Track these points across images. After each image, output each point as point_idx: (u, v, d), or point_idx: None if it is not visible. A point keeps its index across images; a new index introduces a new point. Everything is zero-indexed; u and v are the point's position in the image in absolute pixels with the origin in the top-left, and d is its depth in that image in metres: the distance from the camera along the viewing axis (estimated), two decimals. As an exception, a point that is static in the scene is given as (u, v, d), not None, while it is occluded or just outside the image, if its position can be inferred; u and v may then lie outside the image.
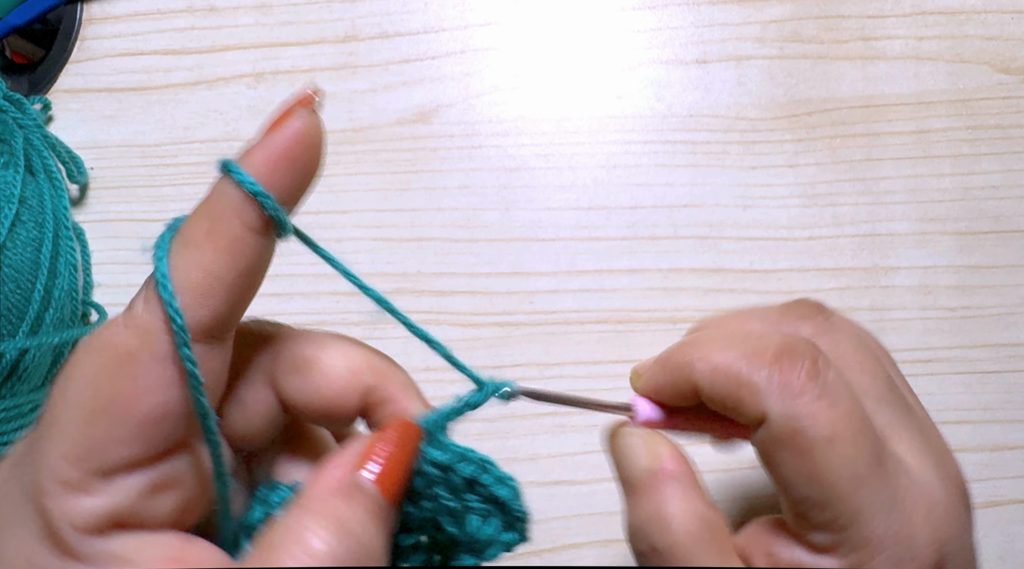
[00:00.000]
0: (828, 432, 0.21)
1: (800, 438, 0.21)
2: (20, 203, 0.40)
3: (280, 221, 0.21)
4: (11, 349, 0.38)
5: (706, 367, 0.23)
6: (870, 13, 0.45)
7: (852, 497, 0.21)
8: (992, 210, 0.43)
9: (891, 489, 0.22)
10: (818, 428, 0.21)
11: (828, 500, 0.21)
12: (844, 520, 0.21)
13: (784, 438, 0.22)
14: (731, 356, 0.23)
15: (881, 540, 0.21)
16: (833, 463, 0.21)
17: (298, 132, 0.21)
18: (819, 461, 0.21)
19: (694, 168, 0.44)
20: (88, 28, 0.48)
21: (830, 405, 0.22)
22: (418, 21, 0.46)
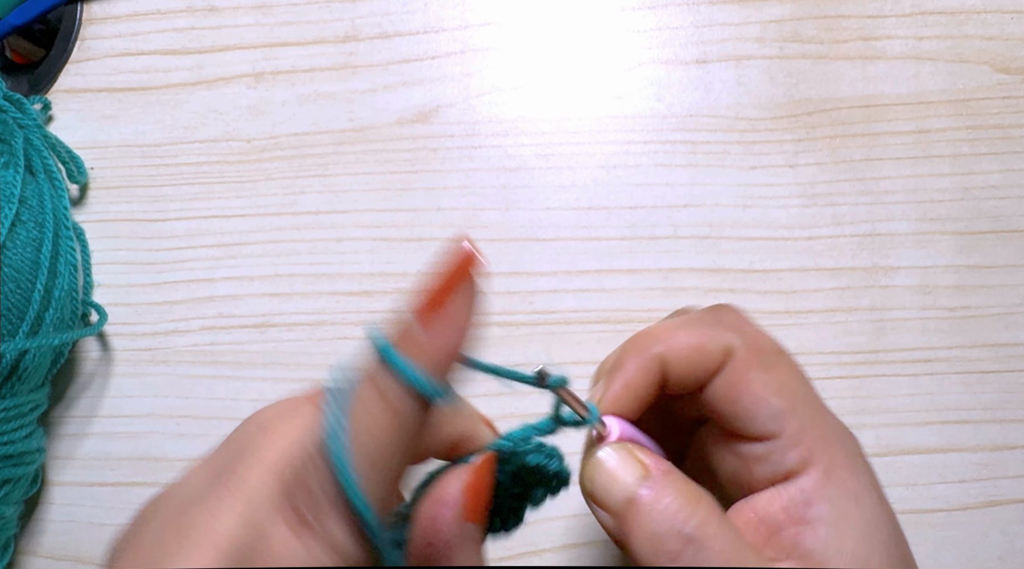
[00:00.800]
0: (774, 346, 0.26)
1: (764, 354, 0.25)
2: (20, 203, 0.40)
3: (447, 402, 0.21)
4: (11, 349, 0.38)
5: (670, 344, 0.26)
6: (870, 13, 0.45)
7: (808, 399, 0.25)
8: (992, 210, 0.43)
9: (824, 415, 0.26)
10: (770, 345, 0.26)
11: (794, 406, 0.24)
12: (808, 421, 0.24)
13: (752, 359, 0.25)
14: (687, 328, 0.26)
15: (833, 433, 0.25)
16: (789, 370, 0.25)
17: (464, 323, 0.20)
18: (781, 370, 0.25)
19: (694, 168, 0.44)
20: (88, 28, 0.48)
21: (762, 329, 0.27)
22: (418, 21, 0.46)
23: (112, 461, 0.45)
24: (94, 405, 0.45)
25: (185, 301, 0.45)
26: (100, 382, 0.46)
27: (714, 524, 0.23)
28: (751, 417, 0.25)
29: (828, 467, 0.24)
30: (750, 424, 0.25)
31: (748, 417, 0.25)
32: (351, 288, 0.45)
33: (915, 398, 0.42)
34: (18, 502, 0.42)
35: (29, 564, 0.44)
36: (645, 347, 0.26)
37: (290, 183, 0.46)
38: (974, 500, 0.41)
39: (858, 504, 0.23)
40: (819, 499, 0.23)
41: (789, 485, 0.24)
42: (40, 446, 0.42)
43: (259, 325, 0.45)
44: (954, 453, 0.41)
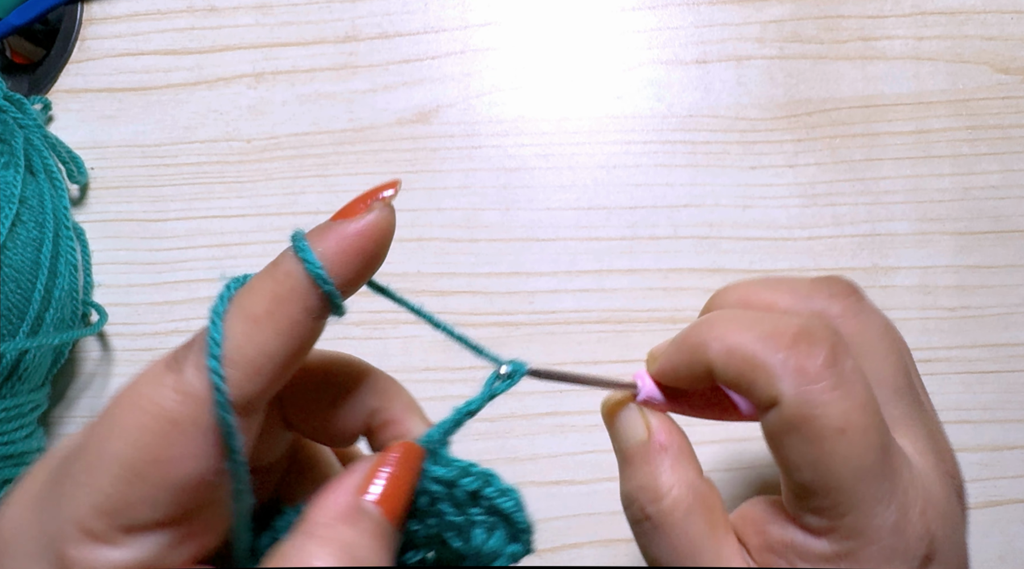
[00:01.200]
0: (840, 423, 0.21)
1: (811, 426, 0.21)
2: (20, 203, 0.40)
3: (337, 307, 0.21)
4: (11, 349, 0.38)
5: (721, 348, 0.23)
6: (870, 13, 0.45)
7: (855, 488, 0.21)
8: (992, 210, 0.43)
9: (892, 482, 0.22)
10: (830, 418, 0.21)
11: (831, 488, 0.21)
12: (843, 508, 0.22)
13: (795, 424, 0.21)
14: (747, 337, 0.22)
15: (877, 531, 0.22)
16: (841, 454, 0.21)
17: (371, 224, 0.21)
18: (827, 450, 0.21)
19: (694, 168, 0.44)
20: (88, 28, 0.48)
21: (844, 395, 0.21)
22: (418, 21, 0.46)
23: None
24: (94, 405, 0.45)
25: (185, 301, 0.45)
26: (100, 382, 0.46)
27: (682, 512, 0.24)
28: (782, 471, 0.23)
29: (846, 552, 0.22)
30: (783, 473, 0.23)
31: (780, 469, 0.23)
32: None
33: (915, 398, 0.42)
34: (18, 502, 0.42)
35: (29, 564, 0.44)
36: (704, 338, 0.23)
37: (290, 183, 0.46)
38: (974, 500, 0.41)
39: None
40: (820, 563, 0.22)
41: (799, 531, 0.23)
42: (40, 446, 0.42)
43: (259, 325, 0.45)
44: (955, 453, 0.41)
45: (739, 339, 0.23)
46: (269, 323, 0.20)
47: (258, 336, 0.20)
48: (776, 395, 0.22)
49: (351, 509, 0.21)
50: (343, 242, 0.21)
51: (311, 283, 0.21)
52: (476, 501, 0.23)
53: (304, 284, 0.21)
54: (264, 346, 0.20)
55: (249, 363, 0.20)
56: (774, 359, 0.22)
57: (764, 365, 0.22)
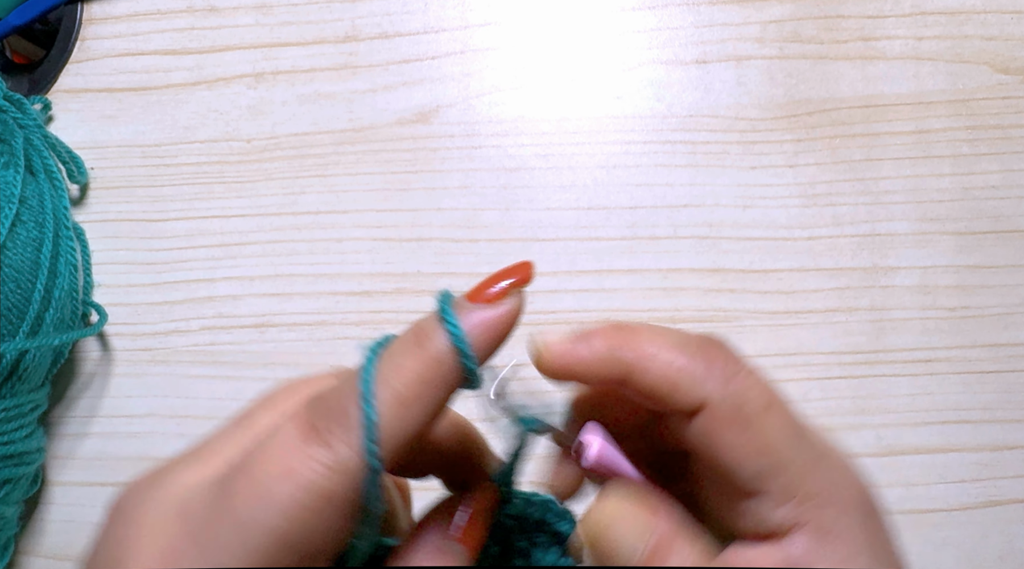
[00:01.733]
0: (764, 400, 0.23)
1: (743, 413, 0.23)
2: (20, 203, 0.40)
3: (474, 383, 0.22)
4: (11, 349, 0.38)
5: (642, 352, 0.23)
6: (870, 13, 0.45)
7: (798, 452, 0.23)
8: (992, 210, 0.43)
9: (821, 441, 0.24)
10: (756, 400, 0.23)
11: (780, 462, 0.22)
12: (796, 476, 0.23)
13: (728, 417, 0.23)
14: (664, 345, 0.23)
15: (833, 486, 0.23)
16: (776, 426, 0.23)
17: (512, 314, 0.23)
18: (764, 428, 0.23)
19: (694, 168, 0.44)
20: (88, 28, 0.48)
21: (756, 379, 0.23)
22: (418, 21, 0.46)
23: (112, 461, 0.45)
24: (94, 405, 0.45)
25: (185, 301, 0.45)
26: (100, 382, 0.46)
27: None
28: (729, 475, 0.23)
29: (819, 530, 0.22)
30: (728, 481, 0.23)
31: (725, 475, 0.23)
32: (351, 288, 0.45)
33: (915, 398, 0.42)
34: (18, 502, 0.42)
35: (29, 564, 0.44)
36: (619, 343, 0.24)
37: (290, 183, 0.46)
38: (974, 500, 0.41)
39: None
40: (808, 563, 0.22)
41: (777, 547, 0.23)
42: (40, 446, 0.42)
43: (259, 325, 0.45)
44: (954, 453, 0.41)
45: (657, 346, 0.23)
46: (418, 405, 0.21)
47: (407, 418, 0.21)
48: (702, 397, 0.23)
49: (441, 548, 0.23)
50: (488, 330, 0.22)
51: (458, 364, 0.21)
52: (539, 527, 0.26)
53: (453, 367, 0.21)
54: (411, 427, 0.21)
55: (397, 443, 0.21)
56: (694, 364, 0.23)
57: (688, 369, 0.23)
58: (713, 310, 0.43)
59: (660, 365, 0.23)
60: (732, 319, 0.43)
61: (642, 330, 0.24)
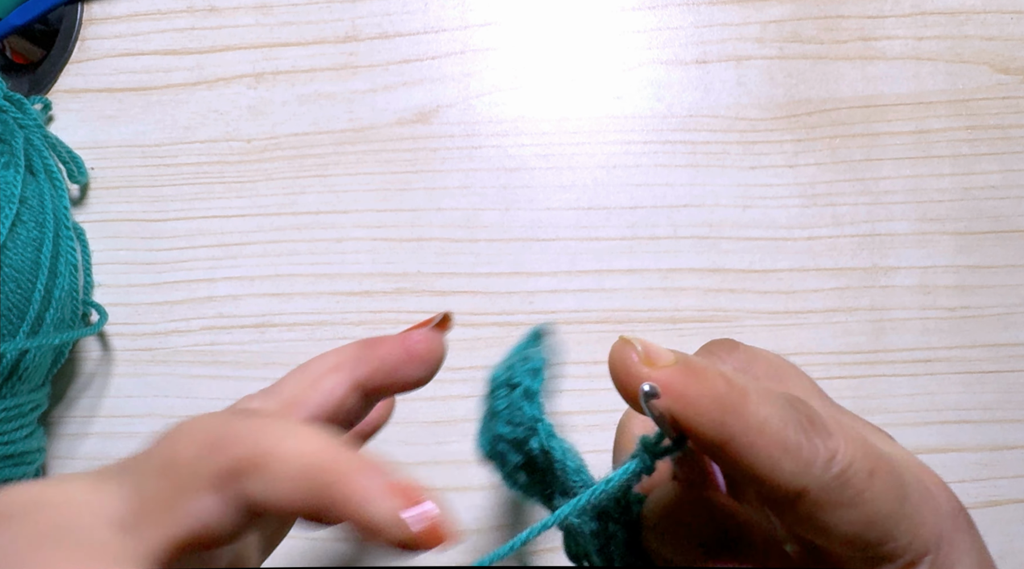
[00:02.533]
0: (868, 467, 0.21)
1: (847, 492, 0.20)
2: (20, 203, 0.40)
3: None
4: (11, 349, 0.38)
5: (749, 422, 0.20)
6: (870, 13, 0.45)
7: (903, 511, 0.21)
8: (992, 210, 0.43)
9: (906, 472, 0.22)
10: (860, 471, 0.20)
11: (888, 532, 0.21)
12: (906, 539, 0.21)
13: (832, 500, 0.20)
14: (774, 414, 0.20)
15: (935, 528, 0.21)
16: (881, 496, 0.21)
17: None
18: (869, 502, 0.20)
19: (694, 168, 0.44)
20: (88, 28, 0.48)
21: (854, 438, 0.21)
22: (418, 21, 0.46)
23: (112, 461, 0.45)
24: (94, 405, 0.45)
25: (185, 301, 0.45)
26: (100, 382, 0.46)
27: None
28: (841, 550, 0.22)
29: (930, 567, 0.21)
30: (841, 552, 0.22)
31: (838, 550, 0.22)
32: (351, 288, 0.45)
33: (915, 398, 0.42)
34: (18, 502, 0.42)
35: (29, 564, 0.44)
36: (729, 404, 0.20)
37: (290, 183, 0.46)
38: (974, 500, 0.41)
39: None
40: None
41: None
42: (40, 446, 0.42)
43: (259, 325, 0.45)
44: (954, 453, 0.41)
45: (766, 414, 0.20)
46: None
47: None
48: (805, 484, 0.20)
49: None
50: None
51: None
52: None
53: None
54: None
55: None
56: (799, 445, 0.20)
57: (792, 452, 0.20)
58: (713, 310, 0.43)
59: (765, 443, 0.20)
60: (732, 319, 0.43)
61: (750, 393, 0.21)
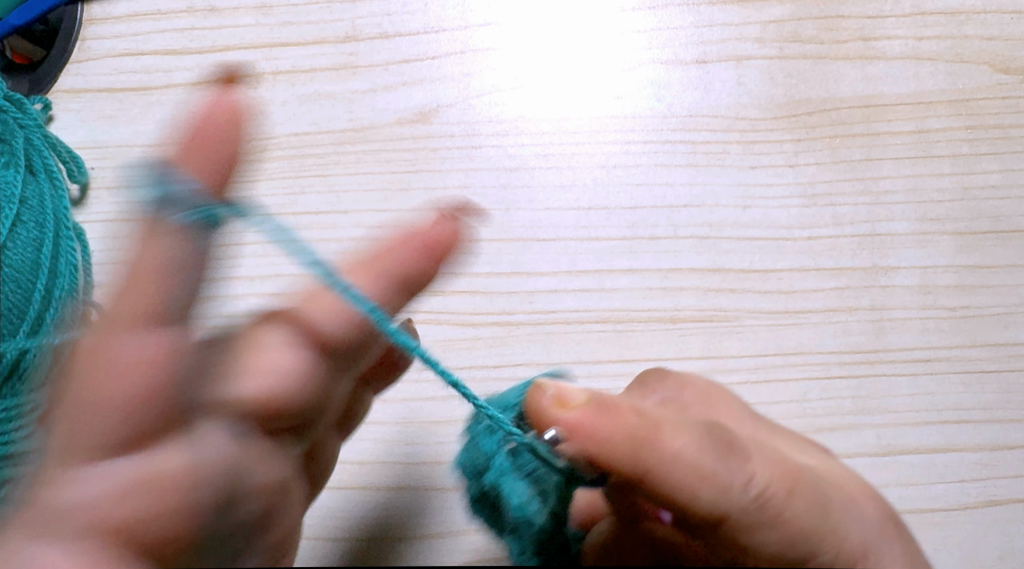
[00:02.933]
0: (787, 486, 0.21)
1: (767, 513, 0.21)
2: (21, 203, 0.40)
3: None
4: (11, 349, 0.38)
5: (664, 453, 0.21)
6: (870, 13, 0.45)
7: (827, 525, 0.21)
8: (992, 210, 0.43)
9: (829, 481, 0.22)
10: (779, 491, 0.21)
11: (813, 548, 0.21)
12: (832, 552, 0.21)
13: (753, 523, 0.21)
14: (688, 443, 0.21)
15: (863, 536, 0.22)
16: (802, 513, 0.21)
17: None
18: (791, 520, 0.21)
19: (694, 168, 0.44)
20: (88, 28, 0.48)
21: (772, 457, 0.21)
22: (418, 21, 0.46)
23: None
24: (94, 405, 0.45)
25: (185, 301, 0.45)
26: (100, 382, 0.45)
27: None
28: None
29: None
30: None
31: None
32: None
33: (915, 398, 0.42)
34: (18, 502, 0.42)
35: (29, 564, 0.44)
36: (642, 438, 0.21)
37: (290, 183, 0.46)
38: (974, 500, 0.41)
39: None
40: None
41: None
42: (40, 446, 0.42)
43: (259, 325, 0.45)
44: (954, 453, 0.41)
45: (680, 444, 0.21)
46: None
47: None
48: (725, 510, 0.21)
49: None
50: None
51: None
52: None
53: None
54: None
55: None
56: (716, 471, 0.21)
57: (708, 479, 0.21)
58: (713, 310, 0.43)
59: (681, 472, 0.21)
60: (732, 319, 0.43)
61: (664, 424, 0.21)
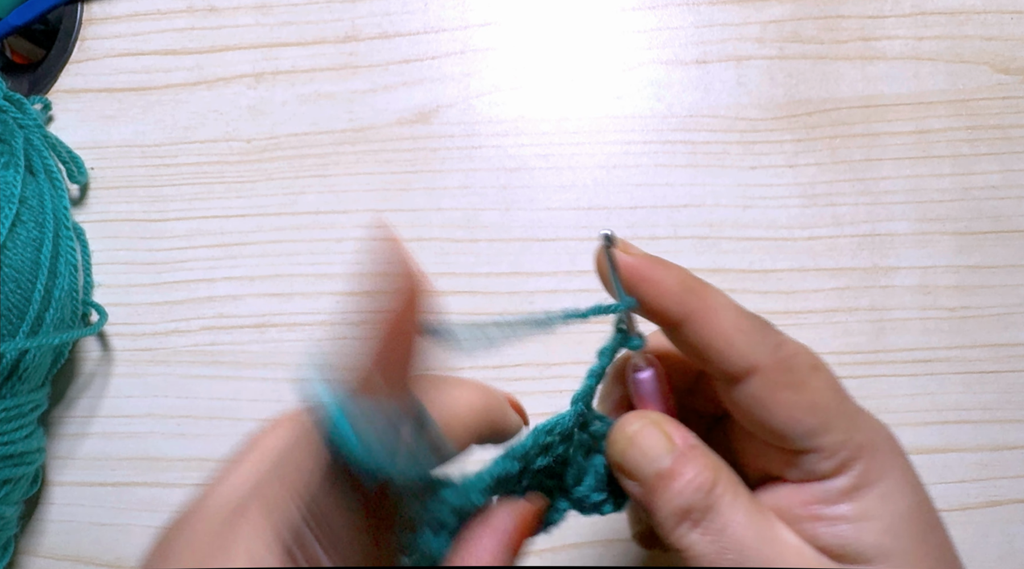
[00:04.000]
0: (811, 362, 0.24)
1: (793, 375, 0.24)
2: (20, 203, 0.40)
3: None
4: (11, 349, 0.38)
5: (709, 304, 0.24)
6: (870, 13, 0.45)
7: (845, 409, 0.24)
8: (992, 210, 0.43)
9: (848, 396, 0.25)
10: (804, 362, 0.24)
11: (829, 420, 0.24)
12: (843, 431, 0.24)
13: (780, 379, 0.24)
14: (729, 305, 0.25)
15: (875, 434, 0.24)
16: (823, 386, 0.24)
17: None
18: (814, 387, 0.24)
19: (694, 168, 0.44)
20: (88, 28, 0.48)
21: (801, 345, 0.25)
22: (418, 21, 0.46)
23: (112, 461, 0.45)
24: (94, 405, 0.45)
25: (185, 301, 0.45)
26: (100, 382, 0.46)
27: (731, 493, 0.24)
28: (782, 435, 0.24)
29: (860, 473, 0.24)
30: (781, 441, 0.24)
31: (779, 435, 0.24)
32: (351, 288, 0.45)
33: (915, 398, 0.42)
34: (18, 502, 0.42)
35: (29, 564, 0.44)
36: (691, 286, 0.25)
37: (290, 183, 0.46)
38: (974, 500, 0.41)
39: (884, 501, 0.24)
40: (843, 499, 0.24)
41: (815, 484, 0.24)
42: (40, 446, 0.42)
43: (259, 325, 0.45)
44: (954, 453, 0.41)
45: (723, 305, 0.25)
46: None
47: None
48: (755, 362, 0.24)
49: (494, 553, 0.24)
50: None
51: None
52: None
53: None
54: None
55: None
56: (751, 329, 0.24)
57: (743, 331, 0.24)
58: (713, 310, 0.43)
59: (722, 321, 0.24)
60: (732, 319, 0.43)
61: (711, 287, 0.25)
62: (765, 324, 0.25)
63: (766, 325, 0.25)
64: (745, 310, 0.25)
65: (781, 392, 0.24)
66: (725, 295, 0.25)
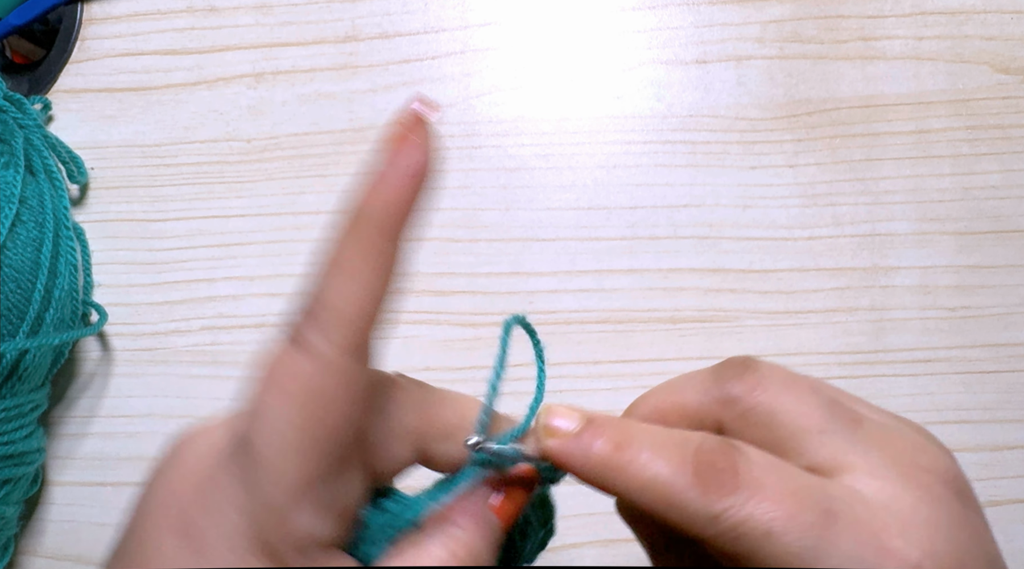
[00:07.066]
0: (764, 527, 0.21)
1: (742, 543, 0.21)
2: (20, 203, 0.40)
3: None
4: (11, 349, 0.38)
5: (639, 479, 0.22)
6: (870, 13, 0.45)
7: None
8: (992, 210, 0.43)
9: (850, 533, 0.21)
10: (754, 526, 0.21)
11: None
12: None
13: (729, 550, 0.21)
14: (664, 463, 0.22)
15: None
16: (779, 550, 0.21)
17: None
18: (768, 556, 0.21)
19: (694, 168, 0.44)
20: (88, 28, 0.48)
21: (765, 494, 0.21)
22: (418, 21, 0.46)
23: (112, 461, 0.45)
24: (94, 405, 0.45)
25: (185, 301, 0.45)
26: (100, 382, 0.46)
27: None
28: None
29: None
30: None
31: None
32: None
33: (915, 398, 0.42)
34: (18, 502, 0.42)
35: (29, 564, 0.44)
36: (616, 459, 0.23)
37: (290, 183, 0.46)
38: (974, 500, 0.41)
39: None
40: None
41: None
42: (40, 446, 0.42)
43: (259, 325, 0.45)
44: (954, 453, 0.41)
45: (654, 469, 0.22)
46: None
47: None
48: (697, 533, 0.22)
49: (480, 517, 0.23)
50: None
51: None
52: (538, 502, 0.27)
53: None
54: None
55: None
56: (688, 493, 0.22)
57: (680, 501, 0.22)
58: (713, 310, 0.43)
59: (653, 496, 0.22)
60: (732, 319, 0.43)
61: (645, 449, 0.23)
62: (715, 478, 0.22)
63: (715, 480, 0.21)
64: (689, 462, 0.22)
65: (736, 559, 0.21)
66: (664, 450, 0.22)
